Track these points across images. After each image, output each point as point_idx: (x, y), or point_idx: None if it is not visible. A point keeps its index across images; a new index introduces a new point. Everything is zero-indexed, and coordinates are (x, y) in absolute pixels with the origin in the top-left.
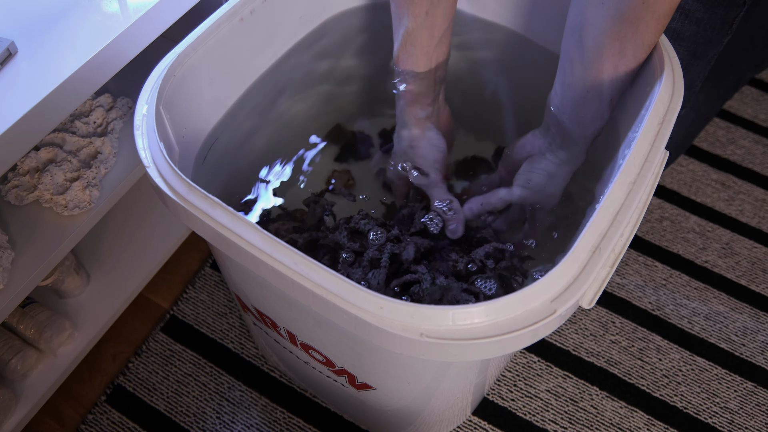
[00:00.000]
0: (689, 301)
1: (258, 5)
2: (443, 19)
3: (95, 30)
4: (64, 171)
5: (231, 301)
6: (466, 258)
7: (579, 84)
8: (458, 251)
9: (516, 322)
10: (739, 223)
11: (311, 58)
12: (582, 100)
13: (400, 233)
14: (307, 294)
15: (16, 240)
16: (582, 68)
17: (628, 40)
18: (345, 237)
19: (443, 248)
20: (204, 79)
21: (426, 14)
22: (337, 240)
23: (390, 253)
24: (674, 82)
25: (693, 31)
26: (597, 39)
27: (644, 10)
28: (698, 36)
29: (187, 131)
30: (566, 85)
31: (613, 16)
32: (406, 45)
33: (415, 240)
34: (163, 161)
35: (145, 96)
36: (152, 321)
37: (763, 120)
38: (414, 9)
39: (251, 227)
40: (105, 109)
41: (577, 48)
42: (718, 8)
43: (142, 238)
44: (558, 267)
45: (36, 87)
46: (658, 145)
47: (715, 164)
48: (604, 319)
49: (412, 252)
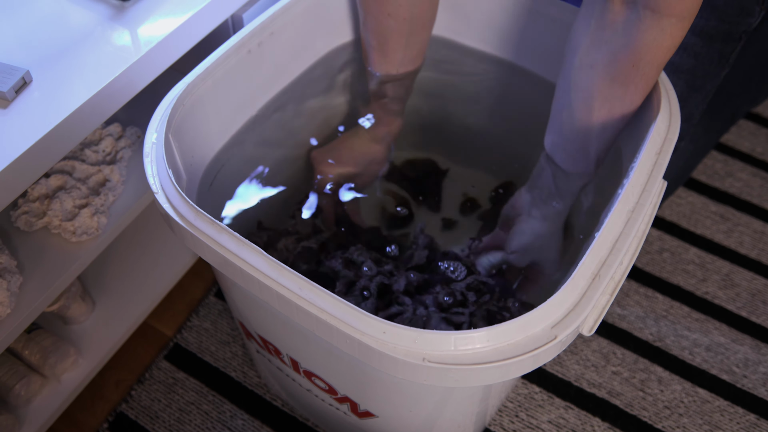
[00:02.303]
0: (690, 332)
1: (265, 38)
2: (412, 73)
3: (107, 61)
4: (73, 198)
5: (234, 329)
6: (447, 289)
7: (568, 143)
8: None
9: (517, 347)
10: (738, 254)
11: (316, 87)
12: (570, 158)
13: (396, 267)
14: (311, 319)
15: (25, 265)
16: (571, 128)
17: (618, 102)
18: (340, 264)
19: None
20: (212, 109)
21: (396, 71)
22: (333, 267)
23: (379, 283)
24: (671, 114)
25: (691, 64)
26: (587, 101)
27: (634, 73)
28: (696, 69)
29: (194, 158)
30: (555, 143)
31: (603, 78)
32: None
33: (408, 274)
34: (171, 188)
35: (154, 124)
36: (156, 349)
37: (760, 153)
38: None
39: (257, 252)
40: (114, 137)
41: (567, 109)
42: (715, 42)
43: (147, 265)
44: (558, 294)
45: (48, 115)
46: (655, 175)
47: (713, 196)
48: (605, 350)
49: (403, 285)
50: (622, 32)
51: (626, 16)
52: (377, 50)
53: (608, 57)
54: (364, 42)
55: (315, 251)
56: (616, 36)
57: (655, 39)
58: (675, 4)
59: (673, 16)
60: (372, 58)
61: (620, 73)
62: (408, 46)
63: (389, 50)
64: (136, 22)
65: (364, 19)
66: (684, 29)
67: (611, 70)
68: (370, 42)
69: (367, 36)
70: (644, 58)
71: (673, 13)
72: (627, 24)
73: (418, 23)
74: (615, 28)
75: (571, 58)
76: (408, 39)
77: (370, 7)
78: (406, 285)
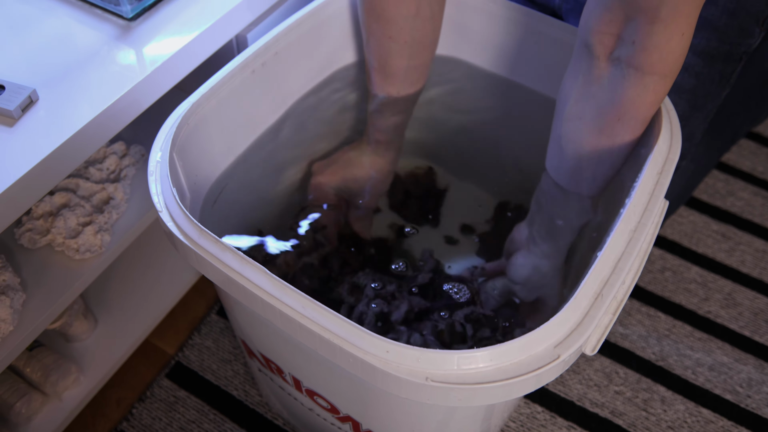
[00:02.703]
0: (693, 351)
1: (269, 58)
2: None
3: (112, 80)
4: (77, 216)
5: (236, 347)
6: (447, 319)
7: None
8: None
9: (520, 367)
10: (740, 273)
11: (320, 108)
12: (565, 200)
13: (399, 289)
14: (314, 338)
15: (28, 282)
16: (564, 174)
17: (605, 152)
18: (346, 290)
19: (437, 309)
20: (216, 128)
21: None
22: (340, 294)
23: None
24: (672, 135)
25: (693, 84)
26: (576, 150)
27: (619, 127)
28: (698, 89)
29: (198, 177)
30: (549, 185)
31: (591, 129)
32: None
33: (411, 299)
34: (175, 206)
35: (159, 143)
36: (157, 367)
37: (761, 172)
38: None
39: (260, 271)
40: (119, 156)
41: (558, 156)
42: (716, 63)
43: (149, 283)
44: (560, 313)
45: (54, 134)
46: (657, 194)
47: (715, 215)
48: (607, 370)
49: (404, 312)
50: (607, 87)
51: (611, 72)
52: (379, 72)
53: (594, 110)
54: (367, 63)
55: (316, 267)
56: (602, 91)
57: (638, 95)
58: (656, 63)
59: (656, 74)
60: (374, 79)
61: (606, 126)
62: (409, 68)
63: (390, 72)
64: (142, 41)
65: (366, 41)
66: (667, 86)
67: (598, 122)
68: (372, 63)
69: (370, 57)
70: (628, 113)
71: (655, 71)
72: (612, 80)
73: (419, 46)
74: (601, 83)
75: (562, 108)
76: (409, 62)
77: (372, 29)
78: (407, 312)
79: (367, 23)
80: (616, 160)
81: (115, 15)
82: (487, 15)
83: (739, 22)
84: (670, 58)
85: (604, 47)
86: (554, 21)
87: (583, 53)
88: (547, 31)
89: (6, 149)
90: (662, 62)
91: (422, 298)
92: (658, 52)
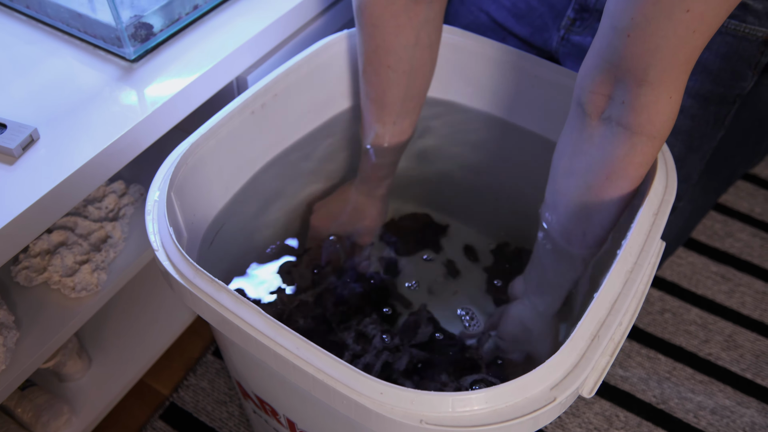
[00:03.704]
0: (694, 394)
1: (269, 99)
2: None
3: (113, 120)
4: (74, 254)
5: (231, 389)
6: (454, 384)
7: (554, 242)
8: (450, 371)
9: (516, 409)
10: (740, 315)
11: (318, 150)
12: (557, 256)
13: (402, 342)
14: (307, 379)
15: (22, 320)
16: (556, 228)
17: (594, 209)
18: (352, 338)
19: (438, 364)
20: (214, 168)
21: (393, 123)
22: (344, 339)
23: (384, 361)
24: (668, 175)
25: (688, 126)
26: (567, 205)
27: (608, 185)
28: (693, 131)
29: (195, 217)
30: (544, 238)
31: (580, 186)
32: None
33: (412, 351)
34: (171, 245)
35: (157, 183)
36: (151, 408)
37: (758, 213)
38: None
39: (254, 311)
40: (118, 195)
41: (551, 209)
42: (710, 105)
43: (145, 322)
44: (557, 355)
45: (53, 172)
46: (653, 235)
47: (714, 257)
48: (607, 413)
49: (404, 363)
50: (598, 145)
51: (602, 131)
52: (375, 102)
53: (585, 167)
54: (363, 96)
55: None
56: (593, 148)
57: (626, 154)
58: (645, 124)
59: (644, 135)
60: (370, 111)
61: (595, 183)
62: (406, 98)
63: (388, 102)
64: (144, 82)
65: (363, 70)
66: (655, 147)
67: (587, 179)
68: (369, 94)
69: (368, 88)
70: (616, 172)
71: (643, 131)
72: (602, 138)
73: (417, 74)
74: (592, 141)
75: (556, 164)
76: (407, 91)
77: (371, 59)
78: (407, 364)
79: (366, 53)
80: (604, 219)
81: (118, 56)
82: (485, 59)
83: (733, 66)
84: (658, 120)
85: (596, 107)
86: (551, 65)
87: (577, 112)
88: (544, 74)
89: (5, 187)
90: (650, 123)
91: (420, 351)
92: (646, 112)
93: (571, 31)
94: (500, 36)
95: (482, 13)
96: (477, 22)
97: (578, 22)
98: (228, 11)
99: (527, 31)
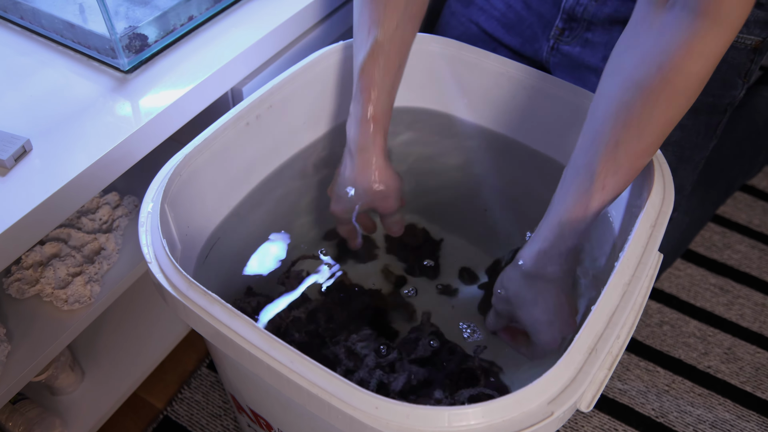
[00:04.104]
0: (693, 407)
1: (264, 111)
2: (411, 34)
3: (107, 131)
4: (67, 266)
5: (226, 402)
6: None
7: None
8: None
9: (512, 423)
10: (740, 327)
11: (315, 163)
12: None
13: (400, 357)
14: (302, 393)
15: (14, 333)
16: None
17: (635, 114)
18: (343, 353)
19: (435, 380)
20: (208, 180)
21: (396, 27)
22: (336, 353)
23: (378, 380)
24: (665, 188)
25: (679, 136)
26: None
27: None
28: (684, 141)
29: (190, 229)
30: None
31: (626, 82)
32: (374, 55)
33: (410, 368)
34: (164, 257)
35: (151, 194)
36: (145, 421)
37: (757, 225)
38: (385, 21)
39: (248, 324)
40: (111, 206)
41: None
42: (701, 115)
43: (139, 335)
44: (554, 368)
45: (46, 183)
46: (651, 247)
47: (712, 269)
48: (606, 427)
49: (402, 383)
50: (656, 32)
51: (663, 18)
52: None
53: (637, 60)
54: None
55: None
56: (650, 38)
57: (685, 41)
58: (710, 5)
59: (708, 18)
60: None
61: (644, 78)
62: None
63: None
64: (138, 93)
65: None
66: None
67: (636, 74)
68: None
69: None
70: (671, 60)
71: (708, 14)
72: (662, 25)
73: None
74: (650, 30)
75: (605, 70)
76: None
77: None
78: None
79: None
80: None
81: (112, 67)
82: (479, 70)
83: (722, 75)
84: (726, 3)
85: None
86: (545, 75)
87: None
88: (539, 86)
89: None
90: (716, 4)
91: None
92: None
93: (561, 41)
94: (491, 47)
95: (472, 24)
96: (468, 33)
97: (567, 31)
98: (223, 22)
99: (517, 42)
